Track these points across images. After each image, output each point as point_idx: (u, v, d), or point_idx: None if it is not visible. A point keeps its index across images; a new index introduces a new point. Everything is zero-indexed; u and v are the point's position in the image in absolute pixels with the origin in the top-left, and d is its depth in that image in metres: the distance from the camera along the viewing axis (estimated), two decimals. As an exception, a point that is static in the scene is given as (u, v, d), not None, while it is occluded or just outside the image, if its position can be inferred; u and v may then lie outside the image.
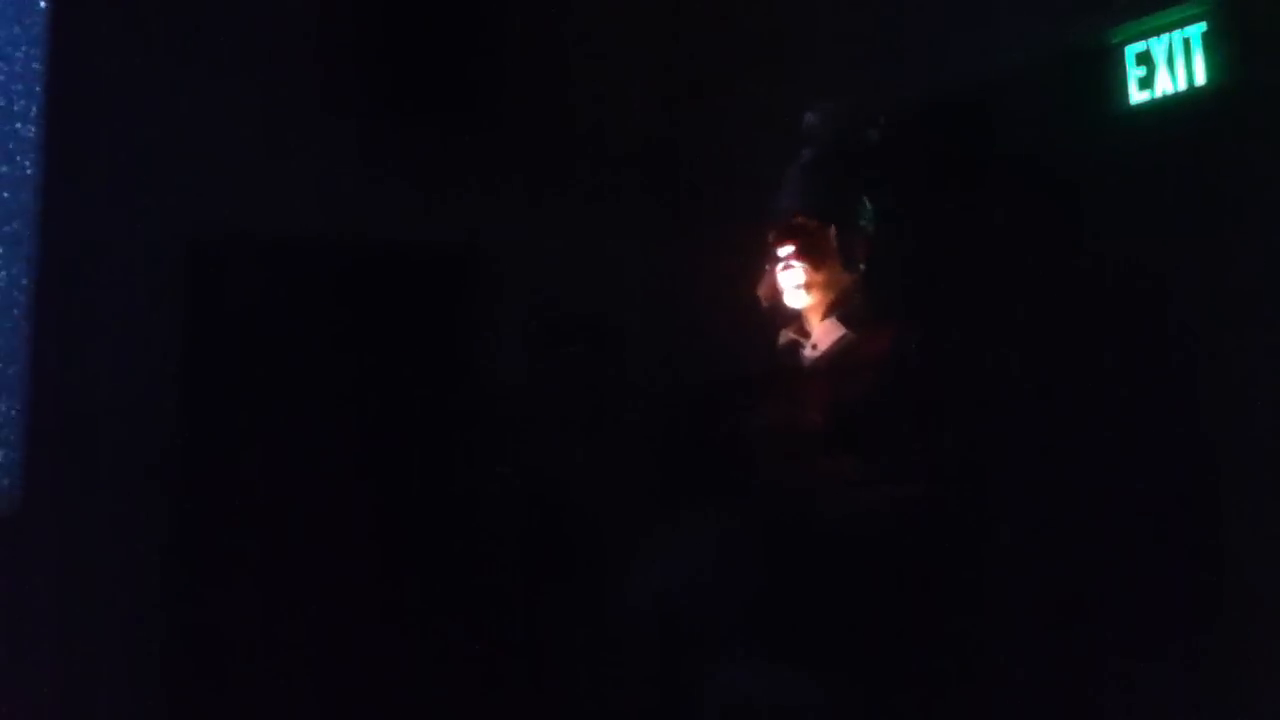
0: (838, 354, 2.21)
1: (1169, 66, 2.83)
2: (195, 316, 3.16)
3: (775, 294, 2.29)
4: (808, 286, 2.24)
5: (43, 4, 3.24)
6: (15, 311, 3.09)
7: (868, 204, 2.27)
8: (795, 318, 2.30)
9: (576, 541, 3.06)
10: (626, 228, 3.17)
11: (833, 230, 2.24)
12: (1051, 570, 2.70)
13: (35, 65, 3.21)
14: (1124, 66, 2.89)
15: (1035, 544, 2.65)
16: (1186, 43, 2.79)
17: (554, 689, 2.94)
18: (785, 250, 2.25)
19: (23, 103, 3.23)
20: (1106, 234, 2.87)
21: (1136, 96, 2.88)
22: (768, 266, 2.30)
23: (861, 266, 2.25)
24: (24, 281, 3.11)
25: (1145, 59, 2.86)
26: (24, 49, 3.22)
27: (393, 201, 3.24)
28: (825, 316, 2.25)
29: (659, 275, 3.11)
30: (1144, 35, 2.85)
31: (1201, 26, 2.75)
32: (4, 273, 3.15)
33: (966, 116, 2.97)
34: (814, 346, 2.25)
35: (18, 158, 3.22)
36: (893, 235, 2.28)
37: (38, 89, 3.22)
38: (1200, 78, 2.76)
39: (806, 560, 2.06)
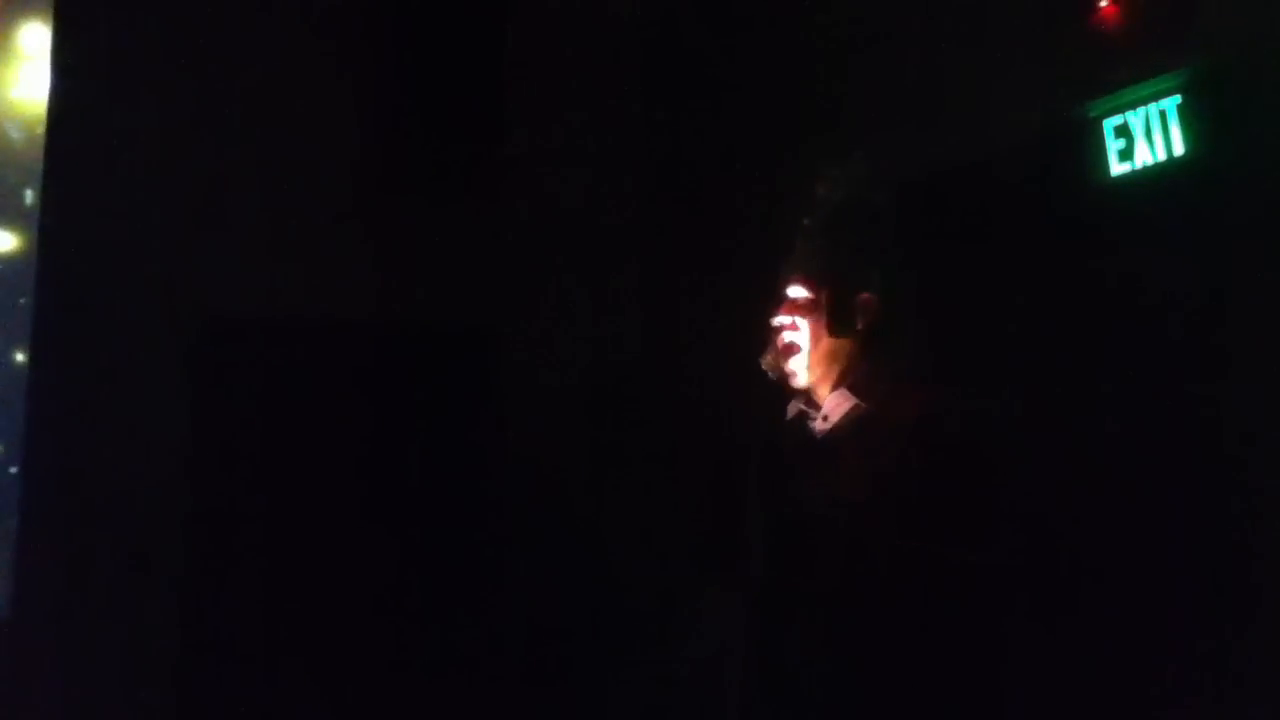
0: (851, 425, 2.18)
1: (1147, 139, 2.92)
2: (204, 407, 3.13)
3: (779, 364, 2.27)
4: (809, 357, 2.21)
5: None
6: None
7: (867, 269, 2.26)
8: (803, 388, 2.29)
9: (594, 617, 3.03)
10: (637, 300, 3.20)
11: (827, 297, 2.22)
12: (1079, 633, 2.72)
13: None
14: (1103, 139, 2.99)
15: (1062, 604, 2.67)
16: (1163, 115, 2.89)
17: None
18: (782, 320, 2.23)
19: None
20: (1095, 297, 2.94)
21: (1117, 168, 2.98)
22: (772, 337, 2.29)
23: (862, 331, 2.23)
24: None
25: (1124, 131, 2.96)
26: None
27: (408, 282, 3.25)
28: (835, 387, 2.22)
29: (670, 347, 3.12)
30: (1121, 109, 2.95)
31: (1176, 99, 2.85)
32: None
33: (959, 188, 3.05)
34: (825, 419, 2.23)
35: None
36: (898, 300, 2.29)
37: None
38: (1178, 148, 2.86)
39: (840, 629, 2.04)
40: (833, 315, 2.20)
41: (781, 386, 2.29)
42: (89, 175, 3.23)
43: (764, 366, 2.31)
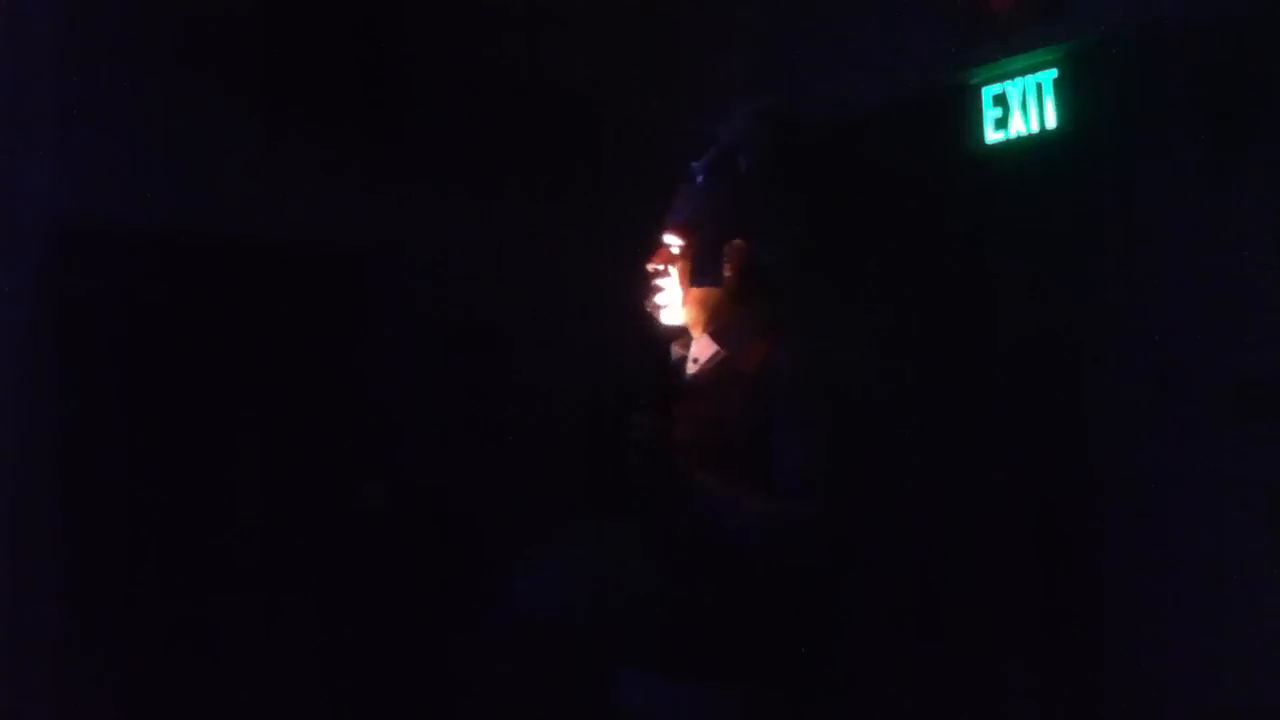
0: (711, 371, 2.23)
1: (1023, 109, 3.01)
2: (61, 318, 2.98)
3: (654, 309, 2.30)
4: (681, 303, 2.26)
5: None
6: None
7: (737, 219, 2.28)
8: (683, 332, 2.32)
9: (462, 551, 3.03)
10: (519, 235, 3.17)
11: (695, 244, 2.26)
12: (928, 580, 2.84)
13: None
14: (981, 107, 3.07)
15: (907, 555, 2.77)
16: (1039, 88, 2.98)
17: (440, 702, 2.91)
18: (654, 266, 2.26)
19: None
20: (966, 256, 3.04)
21: (992, 136, 3.07)
22: (648, 282, 2.31)
23: (729, 281, 2.27)
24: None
25: (1001, 101, 3.04)
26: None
27: (282, 200, 3.15)
28: (702, 332, 2.27)
29: (551, 284, 3.11)
30: (1001, 78, 3.03)
31: (1053, 73, 2.95)
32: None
33: (840, 147, 3.10)
34: (694, 361, 2.27)
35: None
36: (766, 252, 2.32)
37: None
38: (1051, 121, 2.96)
39: (683, 574, 2.09)
40: (693, 262, 2.24)
41: (665, 329, 2.31)
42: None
43: (647, 308, 2.33)
